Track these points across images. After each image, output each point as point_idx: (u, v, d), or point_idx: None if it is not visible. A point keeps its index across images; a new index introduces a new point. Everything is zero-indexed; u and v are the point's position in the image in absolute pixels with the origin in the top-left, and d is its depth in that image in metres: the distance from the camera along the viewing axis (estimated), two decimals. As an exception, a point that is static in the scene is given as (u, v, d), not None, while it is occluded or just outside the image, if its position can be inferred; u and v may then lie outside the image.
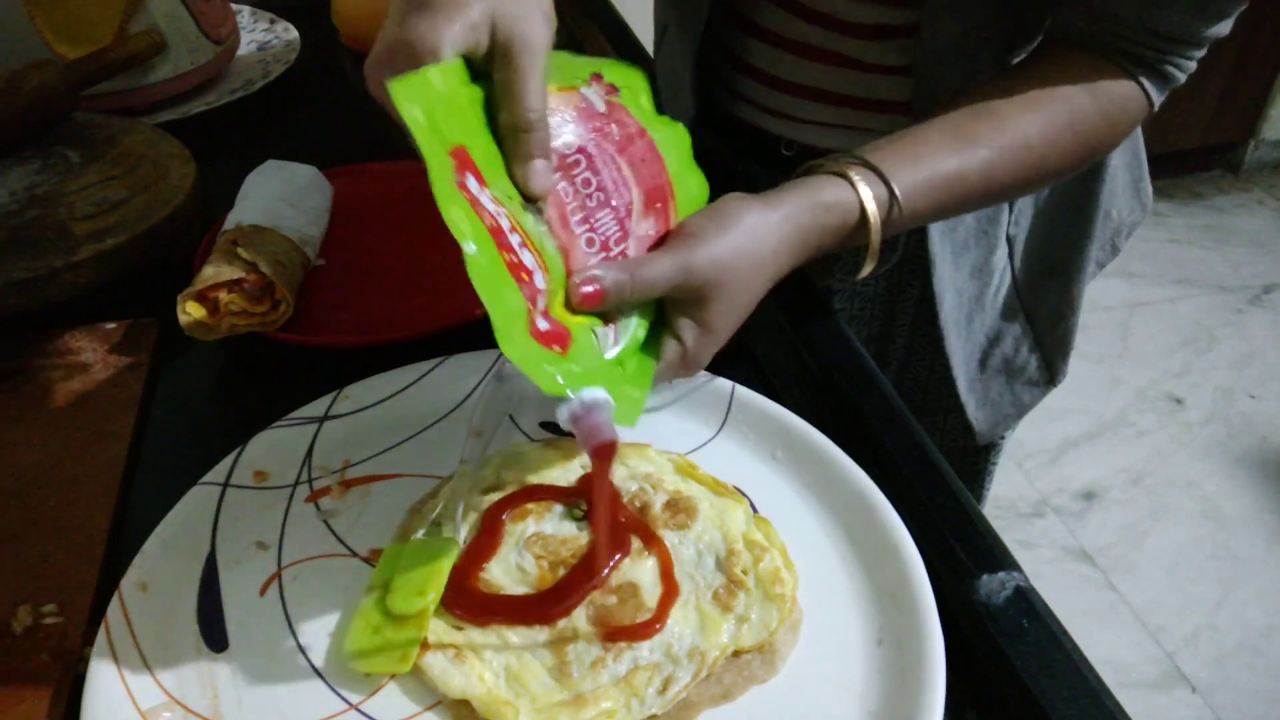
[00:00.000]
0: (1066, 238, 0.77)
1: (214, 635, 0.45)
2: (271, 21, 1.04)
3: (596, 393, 0.41)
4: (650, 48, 1.04)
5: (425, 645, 0.43)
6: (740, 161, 0.77)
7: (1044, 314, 0.80)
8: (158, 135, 0.77)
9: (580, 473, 0.52)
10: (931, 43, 0.62)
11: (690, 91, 0.75)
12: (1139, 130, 0.74)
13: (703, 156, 0.53)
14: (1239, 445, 1.96)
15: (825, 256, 0.55)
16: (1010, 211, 0.73)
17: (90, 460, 0.53)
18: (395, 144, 0.91)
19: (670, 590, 0.45)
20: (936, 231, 0.69)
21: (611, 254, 0.46)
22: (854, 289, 0.79)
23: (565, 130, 0.46)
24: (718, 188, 0.53)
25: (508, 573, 0.46)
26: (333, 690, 0.43)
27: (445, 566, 0.46)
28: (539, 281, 0.42)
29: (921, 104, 0.64)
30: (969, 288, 0.74)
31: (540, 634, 0.44)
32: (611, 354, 0.45)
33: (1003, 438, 0.90)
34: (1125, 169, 0.78)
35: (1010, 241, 0.75)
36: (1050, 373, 0.83)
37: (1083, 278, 0.79)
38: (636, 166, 0.48)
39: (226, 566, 0.48)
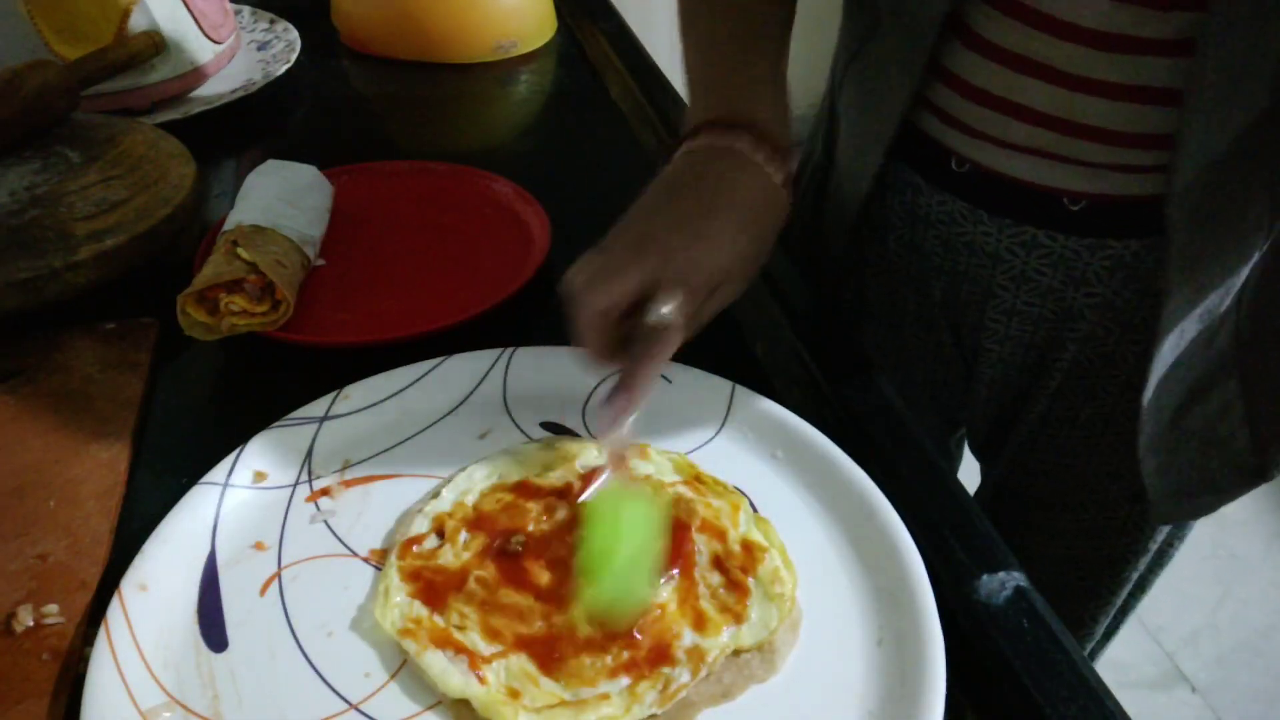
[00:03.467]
0: None
1: (214, 635, 0.45)
2: (271, 21, 1.04)
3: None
4: (651, 49, 1.04)
5: (425, 645, 0.43)
6: (901, 171, 0.67)
7: (1264, 382, 0.64)
8: (158, 135, 0.77)
9: (580, 472, 0.52)
10: (1217, 53, 0.49)
11: (907, 94, 0.62)
12: None
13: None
14: (1239, 445, 1.96)
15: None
16: (1262, 245, 0.58)
17: (90, 460, 0.53)
18: (395, 144, 0.91)
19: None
20: (1176, 264, 0.56)
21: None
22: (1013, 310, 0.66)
23: None
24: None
25: (505, 572, 0.46)
26: (333, 690, 0.43)
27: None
28: None
29: (1188, 132, 0.52)
30: (1192, 329, 0.61)
31: (540, 633, 0.44)
32: None
33: (1173, 538, 0.75)
34: None
35: (1242, 286, 0.61)
36: (1261, 458, 0.66)
37: None
38: None
39: (226, 566, 0.48)
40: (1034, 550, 0.77)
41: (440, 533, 0.49)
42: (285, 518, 0.50)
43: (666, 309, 0.49)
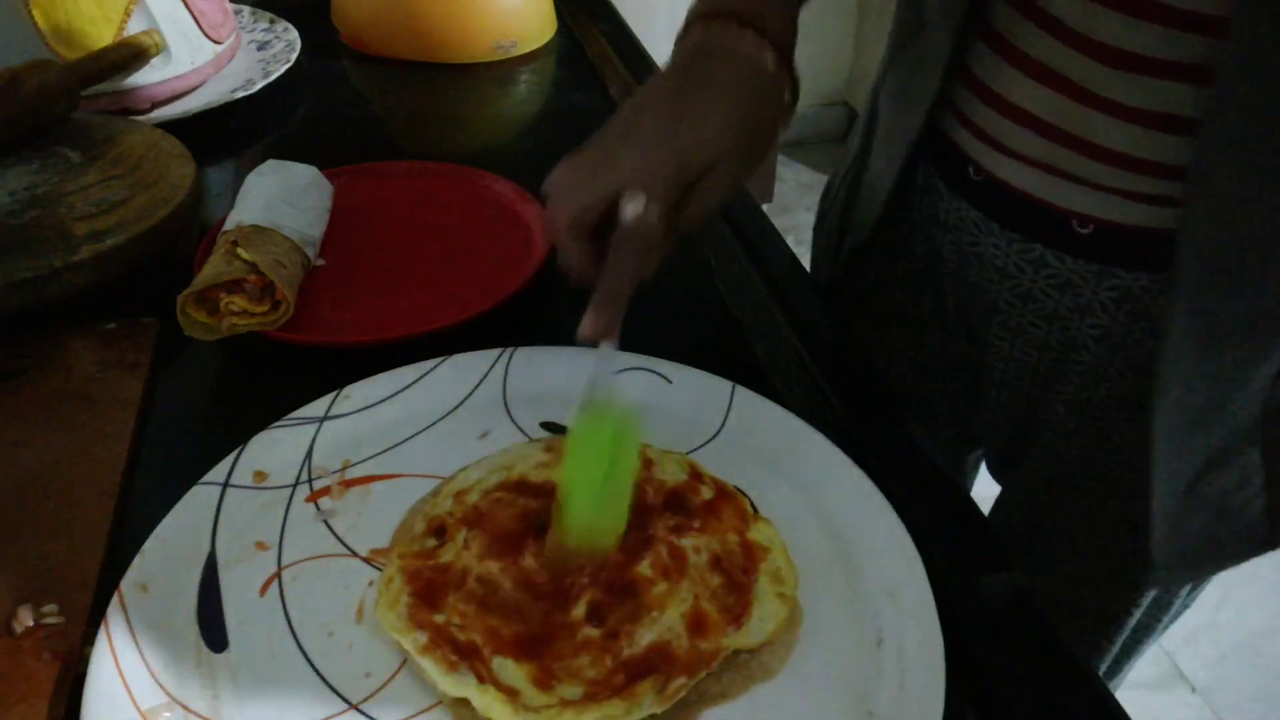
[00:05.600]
0: None
1: (214, 635, 0.45)
2: (271, 21, 1.04)
3: None
4: (651, 49, 1.04)
5: (425, 644, 0.43)
6: (919, 174, 0.68)
7: None
8: (158, 135, 0.77)
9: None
10: (1235, 84, 0.47)
11: (932, 91, 0.61)
12: None
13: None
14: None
15: None
16: None
17: (90, 460, 0.53)
18: (395, 144, 0.91)
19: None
20: (1182, 306, 0.53)
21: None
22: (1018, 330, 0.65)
23: None
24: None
25: (506, 571, 0.46)
26: (333, 690, 0.43)
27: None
28: None
29: (1205, 166, 0.50)
30: (1204, 390, 0.57)
31: (540, 633, 0.44)
32: None
33: (1168, 603, 0.73)
34: None
35: None
36: (1274, 527, 0.64)
37: None
38: None
39: (226, 566, 0.48)
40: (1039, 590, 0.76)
41: (440, 532, 0.49)
42: (285, 518, 0.50)
43: (632, 207, 0.46)
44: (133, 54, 0.84)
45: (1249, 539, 0.65)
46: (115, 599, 0.44)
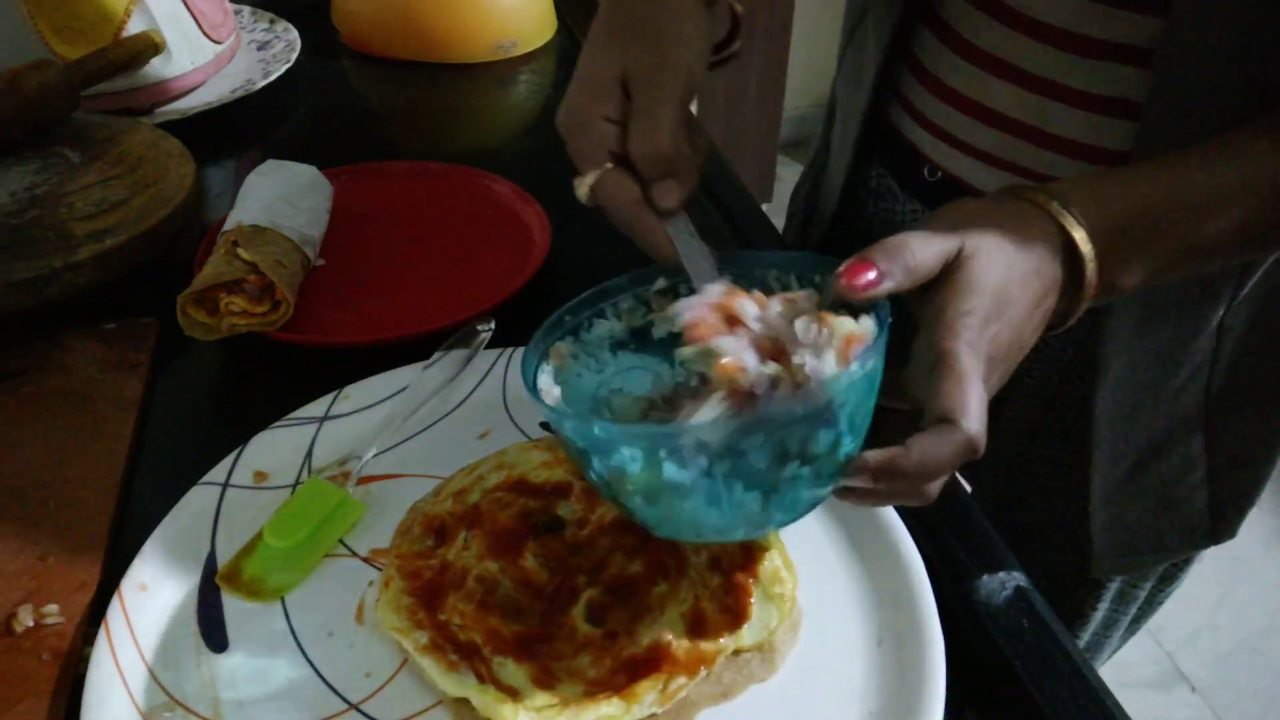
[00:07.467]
0: None
1: (214, 635, 0.45)
2: (271, 21, 1.04)
3: None
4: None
5: (425, 644, 0.43)
6: (872, 176, 0.68)
7: (1230, 444, 0.62)
8: (158, 135, 0.77)
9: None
10: (1173, 64, 0.47)
11: (868, 91, 0.63)
12: None
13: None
14: (1239, 445, 1.96)
15: None
16: (1235, 295, 0.56)
17: (90, 460, 0.53)
18: (395, 144, 0.91)
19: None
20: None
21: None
22: None
23: None
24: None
25: (506, 571, 0.46)
26: (333, 690, 0.43)
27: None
28: None
29: (1142, 149, 0.51)
30: (1147, 368, 0.58)
31: (539, 632, 0.44)
32: None
33: (1127, 585, 0.72)
34: None
35: (1222, 334, 0.58)
36: (1215, 522, 0.64)
37: None
38: None
39: (226, 566, 0.48)
40: None
41: (440, 532, 0.49)
42: (285, 518, 0.50)
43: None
44: (133, 54, 0.84)
45: (1190, 531, 0.65)
46: (115, 599, 0.44)
